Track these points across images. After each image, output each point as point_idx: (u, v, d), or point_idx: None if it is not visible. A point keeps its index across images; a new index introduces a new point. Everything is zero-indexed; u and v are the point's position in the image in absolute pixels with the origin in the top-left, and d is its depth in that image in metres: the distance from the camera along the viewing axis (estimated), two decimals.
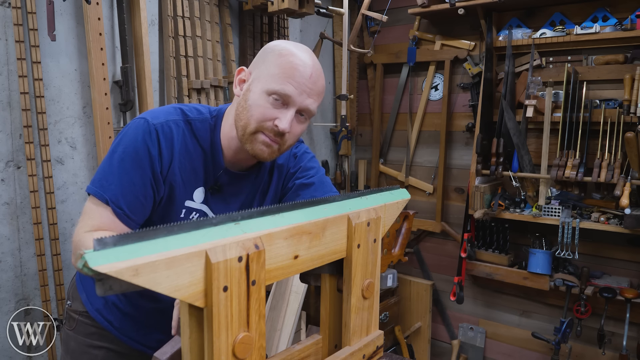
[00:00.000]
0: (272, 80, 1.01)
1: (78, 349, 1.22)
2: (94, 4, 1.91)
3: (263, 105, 1.02)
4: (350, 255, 0.82)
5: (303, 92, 1.02)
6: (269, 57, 1.05)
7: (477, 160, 2.70)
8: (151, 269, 0.54)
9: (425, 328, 3.24)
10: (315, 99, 1.06)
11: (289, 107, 1.02)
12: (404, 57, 3.15)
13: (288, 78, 1.01)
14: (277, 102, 1.02)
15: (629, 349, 2.49)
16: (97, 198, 0.99)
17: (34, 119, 1.83)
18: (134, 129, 1.04)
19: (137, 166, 1.01)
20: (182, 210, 1.10)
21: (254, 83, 1.04)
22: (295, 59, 1.02)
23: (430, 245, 3.30)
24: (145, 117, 1.06)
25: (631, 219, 2.27)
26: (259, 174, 1.19)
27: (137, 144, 1.02)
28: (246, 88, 1.06)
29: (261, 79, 1.03)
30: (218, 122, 1.12)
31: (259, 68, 1.06)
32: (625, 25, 2.43)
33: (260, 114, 1.02)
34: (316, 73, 1.05)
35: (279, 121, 1.01)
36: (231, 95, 2.47)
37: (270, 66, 1.03)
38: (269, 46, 1.08)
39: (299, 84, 1.01)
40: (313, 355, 0.85)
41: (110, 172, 1.01)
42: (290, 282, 2.36)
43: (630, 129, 2.27)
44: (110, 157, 1.03)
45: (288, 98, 1.01)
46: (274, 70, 1.02)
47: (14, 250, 1.83)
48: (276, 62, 1.03)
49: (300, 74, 1.01)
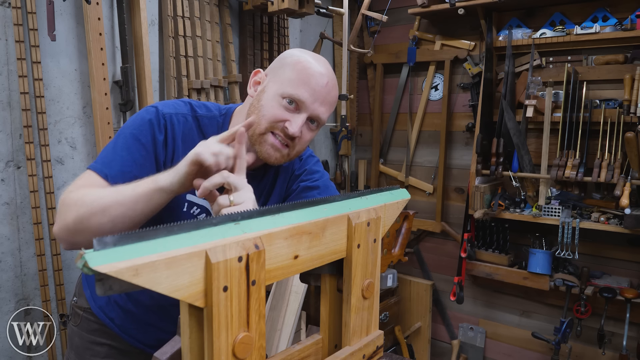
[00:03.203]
0: (287, 84, 1.03)
1: (82, 344, 1.24)
2: (94, 4, 1.91)
3: (275, 106, 1.03)
4: (350, 255, 0.82)
5: (316, 99, 1.04)
6: (287, 63, 1.07)
7: (477, 160, 2.70)
8: (151, 269, 0.54)
9: (425, 328, 3.24)
10: (327, 108, 1.08)
11: (300, 112, 1.04)
12: (404, 57, 3.16)
13: (303, 84, 1.03)
14: (290, 105, 1.03)
15: (629, 349, 2.49)
16: (96, 173, 1.00)
17: (34, 119, 1.83)
18: (144, 113, 1.07)
19: (142, 147, 1.02)
20: (185, 203, 1.10)
21: (269, 85, 1.06)
22: (313, 66, 1.05)
23: (430, 245, 3.31)
24: (156, 106, 1.09)
25: (631, 219, 2.27)
26: (265, 175, 1.19)
27: (144, 127, 1.04)
28: (260, 89, 1.08)
29: (277, 82, 1.05)
30: (226, 121, 1.14)
31: (276, 72, 1.08)
32: (625, 25, 2.43)
33: (272, 115, 1.03)
34: (331, 83, 1.07)
35: (290, 124, 1.03)
36: (231, 95, 2.47)
37: (287, 71, 1.05)
38: (288, 52, 1.11)
39: (313, 90, 1.03)
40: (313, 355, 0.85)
41: (114, 151, 1.03)
42: (290, 282, 2.36)
43: (630, 129, 2.27)
44: (117, 138, 1.05)
45: (301, 103, 1.03)
46: (291, 75, 1.04)
47: (14, 250, 1.83)
48: (293, 68, 1.05)
49: (316, 82, 1.04)
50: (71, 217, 0.91)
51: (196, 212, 1.12)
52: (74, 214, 0.91)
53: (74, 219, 0.91)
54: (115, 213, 0.89)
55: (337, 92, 1.10)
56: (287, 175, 1.23)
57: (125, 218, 0.90)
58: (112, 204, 0.89)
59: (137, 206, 0.90)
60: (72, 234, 0.93)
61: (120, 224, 0.90)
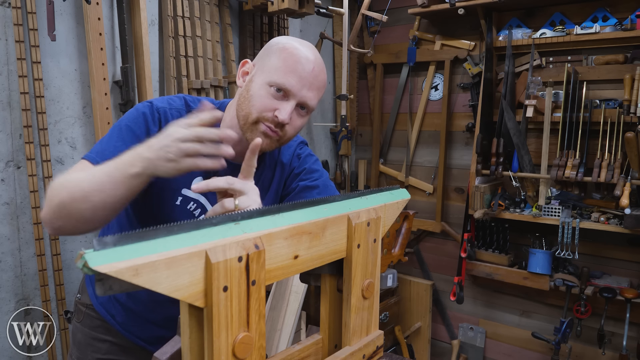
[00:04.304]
0: (274, 72, 1.04)
1: (84, 340, 1.25)
2: (94, 4, 1.91)
3: (264, 95, 1.04)
4: (350, 255, 0.82)
5: (304, 85, 1.04)
6: (273, 50, 1.07)
7: (477, 160, 2.70)
8: (151, 269, 0.54)
9: (425, 328, 3.24)
10: (315, 93, 1.08)
11: (289, 99, 1.04)
12: (404, 57, 3.15)
13: (290, 71, 1.03)
14: (278, 93, 1.04)
15: (629, 349, 2.49)
16: (89, 161, 1.00)
17: (34, 119, 1.83)
18: (139, 107, 1.09)
19: (136, 139, 1.03)
20: (178, 197, 1.10)
21: (257, 75, 1.07)
22: (299, 52, 1.05)
23: (430, 245, 3.30)
24: (151, 101, 1.11)
25: (631, 219, 2.27)
26: (261, 169, 1.19)
27: (139, 119, 1.06)
28: (248, 79, 1.08)
29: (264, 71, 1.06)
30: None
31: (263, 60, 1.08)
32: (625, 25, 2.43)
33: (261, 104, 1.04)
34: (318, 68, 1.07)
35: (279, 112, 1.03)
36: (231, 95, 2.47)
37: (273, 59, 1.05)
38: (274, 40, 1.11)
39: (300, 77, 1.04)
40: (313, 355, 0.85)
41: (109, 142, 1.04)
42: (290, 282, 2.36)
43: (630, 129, 2.27)
44: (112, 130, 1.07)
45: (289, 90, 1.03)
46: (277, 63, 1.04)
47: (14, 250, 1.83)
48: (279, 55, 1.05)
49: (302, 68, 1.04)
50: (55, 202, 0.92)
51: (192, 207, 1.12)
52: (57, 200, 0.92)
53: (57, 204, 0.92)
54: (96, 200, 0.89)
55: (325, 76, 1.10)
56: (285, 172, 1.23)
57: (105, 204, 0.90)
58: (92, 191, 0.90)
59: (117, 192, 0.90)
60: (55, 219, 0.93)
61: (100, 210, 0.91)
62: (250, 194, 0.91)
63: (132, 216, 1.15)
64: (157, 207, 1.10)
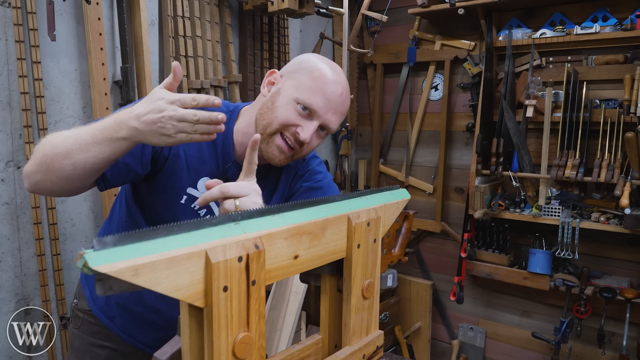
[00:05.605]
0: (303, 90, 1.05)
1: (82, 347, 1.24)
2: (94, 4, 1.91)
3: (290, 111, 1.05)
4: (350, 255, 0.82)
5: (330, 109, 1.06)
6: (304, 68, 1.08)
7: (477, 160, 2.70)
8: (151, 269, 0.54)
9: (425, 328, 3.24)
10: (339, 117, 1.09)
11: (313, 119, 1.05)
12: (404, 57, 3.16)
13: (319, 92, 1.04)
14: (303, 112, 1.05)
15: (629, 349, 2.49)
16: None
17: (34, 119, 1.83)
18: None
19: None
20: (183, 196, 1.10)
21: (285, 88, 1.07)
22: (329, 75, 1.06)
23: (430, 245, 3.31)
24: None
25: (631, 219, 2.27)
26: (268, 174, 1.19)
27: None
28: (275, 91, 1.09)
29: (292, 86, 1.06)
30: (233, 117, 1.15)
31: (292, 75, 1.09)
32: (625, 25, 2.43)
33: (285, 118, 1.05)
34: (346, 93, 1.09)
35: (302, 130, 1.04)
36: (231, 95, 2.47)
37: (304, 76, 1.06)
38: (305, 57, 1.12)
39: (328, 100, 1.05)
40: (313, 355, 0.85)
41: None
42: (290, 282, 2.36)
43: (630, 129, 2.27)
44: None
45: (315, 111, 1.05)
46: (307, 82, 1.05)
47: (14, 250, 1.83)
48: (311, 74, 1.06)
49: (332, 91, 1.05)
50: (38, 156, 0.94)
51: (197, 206, 1.12)
52: (40, 153, 0.93)
53: (40, 157, 0.93)
54: (78, 157, 0.90)
55: (349, 102, 1.12)
56: (291, 174, 1.23)
57: (86, 163, 0.91)
58: (75, 149, 0.90)
59: (99, 154, 0.90)
60: (35, 172, 0.94)
61: (81, 169, 0.91)
62: (251, 195, 0.91)
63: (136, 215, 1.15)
64: (162, 205, 1.10)
